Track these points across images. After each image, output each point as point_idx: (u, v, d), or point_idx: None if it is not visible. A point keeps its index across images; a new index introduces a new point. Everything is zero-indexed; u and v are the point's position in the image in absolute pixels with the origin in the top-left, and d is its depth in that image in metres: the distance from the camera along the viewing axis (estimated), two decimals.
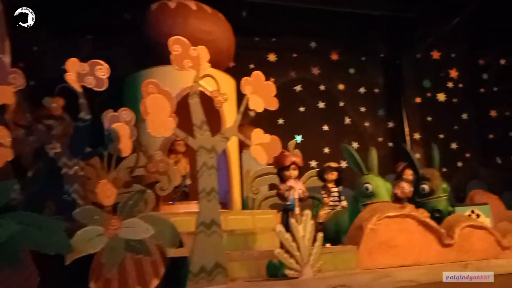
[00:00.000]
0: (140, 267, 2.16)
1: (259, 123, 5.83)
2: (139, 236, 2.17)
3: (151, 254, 2.20)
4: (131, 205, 2.21)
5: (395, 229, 3.23)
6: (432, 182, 4.01)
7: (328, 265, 2.89)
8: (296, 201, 2.76)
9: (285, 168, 3.14)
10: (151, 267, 2.19)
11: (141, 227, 2.19)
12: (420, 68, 6.71)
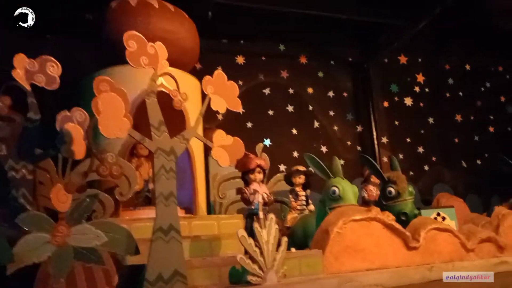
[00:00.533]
0: (91, 277, 2.02)
1: (227, 126, 5.76)
2: (89, 244, 2.04)
3: (103, 263, 2.07)
4: (81, 210, 2.07)
5: (361, 233, 3.19)
6: (398, 185, 4.01)
7: (293, 270, 2.82)
8: (260, 205, 2.68)
9: (250, 171, 3.05)
10: (104, 276, 2.06)
11: (92, 233, 2.06)
12: (388, 72, 6.77)
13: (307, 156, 3.90)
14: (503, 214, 3.89)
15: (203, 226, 3.53)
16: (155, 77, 2.34)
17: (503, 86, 7.44)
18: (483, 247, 3.61)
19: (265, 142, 5.94)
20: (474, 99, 7.22)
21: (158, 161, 2.28)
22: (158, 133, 2.30)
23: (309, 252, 2.95)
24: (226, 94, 2.61)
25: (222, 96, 2.59)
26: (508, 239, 3.72)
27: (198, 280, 2.47)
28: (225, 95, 2.60)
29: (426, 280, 3.12)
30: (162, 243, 2.19)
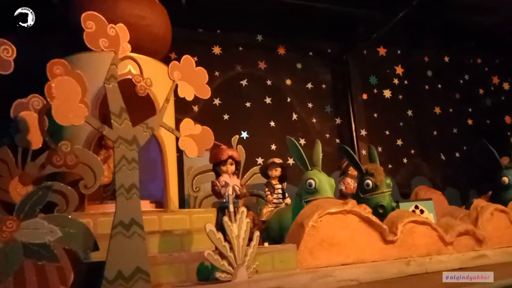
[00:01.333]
0: (43, 275, 1.87)
1: (203, 118, 5.61)
2: (41, 239, 1.88)
3: (57, 260, 1.91)
4: (32, 203, 1.90)
5: (337, 226, 3.09)
6: (376, 178, 3.92)
7: (266, 265, 2.70)
8: (231, 198, 2.54)
9: (222, 162, 2.91)
10: (57, 274, 1.90)
11: (44, 228, 1.89)
12: (367, 64, 6.70)
13: (288, 139, 3.78)
14: (482, 207, 3.84)
15: (174, 220, 3.39)
16: (115, 60, 2.18)
17: (481, 78, 7.45)
18: (461, 240, 3.56)
19: (242, 134, 5.81)
20: (453, 91, 7.21)
21: (119, 151, 2.12)
22: (119, 121, 2.14)
23: (282, 246, 2.84)
24: (194, 81, 2.46)
25: (190, 83, 2.44)
26: (486, 232, 3.67)
27: (163, 277, 2.33)
28: (193, 81, 2.46)
29: (403, 275, 3.04)
30: (122, 239, 2.04)
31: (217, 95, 5.76)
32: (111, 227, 2.05)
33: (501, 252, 3.62)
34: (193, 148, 2.42)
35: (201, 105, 5.66)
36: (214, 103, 5.76)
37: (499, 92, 7.55)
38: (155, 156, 3.74)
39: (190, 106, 5.59)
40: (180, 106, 5.49)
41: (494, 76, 7.58)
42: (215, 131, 5.64)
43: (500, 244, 3.74)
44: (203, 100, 5.69)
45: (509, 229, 3.89)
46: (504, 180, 4.50)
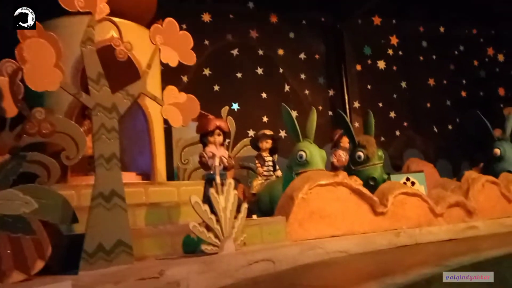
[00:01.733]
0: (19, 248, 1.79)
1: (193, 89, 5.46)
2: (16, 211, 1.79)
3: (33, 232, 1.83)
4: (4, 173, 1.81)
5: (327, 198, 3.04)
6: (368, 149, 3.85)
7: (254, 238, 2.65)
8: (217, 169, 2.46)
9: (209, 133, 2.81)
10: (34, 247, 1.82)
11: (19, 200, 1.80)
12: (361, 34, 6.55)
13: (284, 107, 3.69)
14: (473, 178, 3.81)
15: (161, 192, 3.30)
16: (92, 22, 2.04)
17: (476, 50, 7.34)
18: (452, 211, 3.53)
19: (233, 106, 5.70)
20: (447, 62, 7.11)
21: (98, 119, 2.01)
22: (97, 87, 2.02)
23: (271, 219, 2.78)
24: (177, 46, 2.33)
25: (173, 48, 2.31)
26: (477, 204, 3.64)
27: (148, 250, 2.27)
28: (177, 46, 2.33)
29: (393, 246, 3.01)
30: (102, 211, 1.96)
31: (207, 65, 5.62)
32: (91, 199, 1.96)
33: (492, 223, 3.61)
34: (177, 117, 2.32)
35: (190, 75, 5.52)
36: (204, 73, 5.61)
37: (494, 64, 7.46)
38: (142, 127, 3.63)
39: (179, 76, 5.45)
40: (168, 76, 5.35)
41: (489, 47, 7.48)
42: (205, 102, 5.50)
43: (491, 216, 3.73)
44: (193, 70, 5.56)
45: (500, 201, 3.87)
46: (496, 152, 4.45)
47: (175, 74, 5.41)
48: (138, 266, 2.01)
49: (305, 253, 2.50)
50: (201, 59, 5.61)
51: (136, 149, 3.68)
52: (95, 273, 1.87)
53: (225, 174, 2.77)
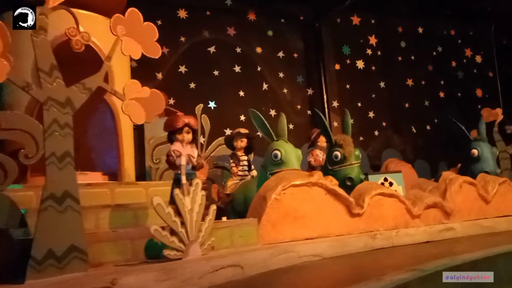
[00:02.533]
0: None
1: (167, 87, 5.32)
2: None
3: None
4: None
5: (302, 199, 2.93)
6: (344, 149, 3.75)
7: (224, 241, 2.51)
8: (183, 168, 2.32)
9: (177, 130, 2.67)
10: None
11: None
12: (340, 33, 6.48)
13: (251, 111, 3.58)
14: (450, 179, 3.75)
15: (128, 193, 3.14)
16: (45, 10, 1.88)
17: (454, 50, 7.35)
18: (429, 213, 3.46)
19: (210, 104, 5.55)
20: (425, 63, 7.09)
21: (49, 114, 1.86)
22: (49, 80, 1.86)
23: (242, 221, 2.65)
24: (141, 37, 2.18)
25: (136, 39, 2.16)
26: (455, 204, 3.58)
27: (106, 256, 2.11)
28: (140, 38, 2.18)
29: (369, 249, 2.91)
30: (53, 214, 1.80)
31: (183, 62, 5.46)
32: (40, 201, 1.80)
33: (470, 224, 3.55)
34: (140, 113, 2.17)
35: (165, 72, 5.36)
36: (180, 70, 5.46)
37: (472, 65, 7.48)
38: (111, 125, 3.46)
39: (153, 73, 5.28)
40: (142, 73, 5.18)
41: (467, 48, 7.50)
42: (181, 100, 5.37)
43: (469, 217, 3.67)
44: (168, 67, 5.40)
45: (477, 201, 3.82)
46: (474, 153, 4.42)
47: (149, 71, 5.25)
48: (92, 274, 1.85)
49: (276, 257, 2.38)
50: (177, 56, 5.46)
51: (105, 148, 3.51)
52: (43, 281, 1.71)
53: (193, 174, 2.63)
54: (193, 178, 2.51)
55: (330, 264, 2.51)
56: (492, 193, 3.87)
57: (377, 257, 2.69)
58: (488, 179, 3.98)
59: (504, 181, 4.04)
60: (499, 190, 3.94)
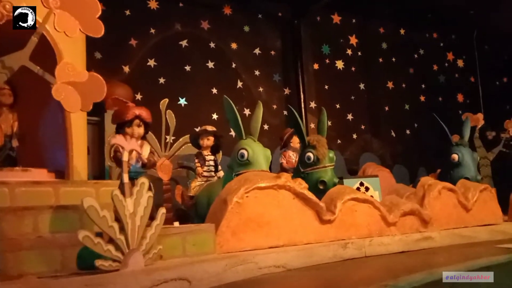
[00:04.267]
0: None
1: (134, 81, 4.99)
2: None
3: None
4: None
5: (267, 203, 2.65)
6: (318, 150, 3.50)
7: (175, 250, 2.22)
8: (125, 166, 2.02)
9: (126, 123, 2.38)
10: None
11: None
12: (320, 32, 6.26)
13: (225, 98, 3.31)
14: (429, 185, 3.52)
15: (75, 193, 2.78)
16: None
17: (436, 54, 7.19)
18: (406, 220, 3.22)
19: (180, 101, 5.25)
20: (407, 66, 6.91)
21: None
22: None
23: (197, 227, 2.36)
24: (79, 12, 1.88)
25: (73, 14, 1.85)
26: (433, 212, 3.35)
27: (28, 266, 1.80)
28: (78, 12, 1.88)
29: (339, 259, 2.65)
30: None
31: (152, 56, 5.15)
32: None
33: (448, 234, 3.33)
34: (75, 99, 1.87)
35: (133, 66, 5.04)
36: (149, 64, 5.13)
37: (453, 69, 7.34)
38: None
39: (119, 66, 4.95)
40: (107, 64, 4.86)
41: (449, 52, 7.36)
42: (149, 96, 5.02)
43: (447, 225, 3.45)
44: (136, 60, 5.08)
45: (457, 209, 3.60)
46: (454, 158, 4.22)
47: (115, 63, 4.93)
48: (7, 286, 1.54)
49: (231, 269, 2.10)
50: (146, 48, 5.15)
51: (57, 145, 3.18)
52: None
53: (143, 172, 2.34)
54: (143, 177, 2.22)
55: (293, 276, 2.23)
56: (472, 200, 3.66)
57: (347, 269, 2.43)
58: (469, 186, 3.77)
59: (484, 188, 3.84)
60: (480, 197, 3.74)
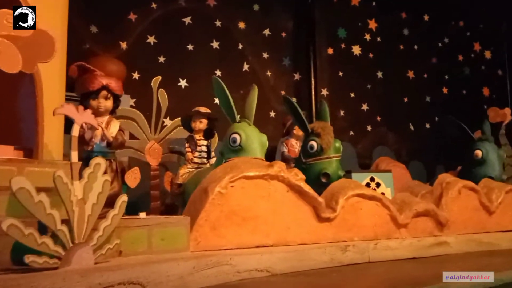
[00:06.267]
0: None
1: (132, 58, 4.66)
2: None
3: None
4: None
5: (255, 195, 2.29)
6: (322, 139, 3.12)
7: (138, 245, 1.89)
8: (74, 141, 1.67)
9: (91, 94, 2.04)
10: None
11: None
12: (336, 14, 5.82)
13: (214, 78, 2.98)
14: (447, 182, 3.10)
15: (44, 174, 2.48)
16: None
17: (462, 44, 6.67)
18: (419, 222, 2.82)
19: (180, 82, 4.90)
20: (430, 55, 6.42)
21: None
22: None
23: (167, 219, 2.00)
24: None
25: None
26: (451, 214, 2.94)
27: None
28: None
29: (336, 264, 2.28)
30: None
31: (152, 32, 4.80)
32: None
33: (466, 240, 2.91)
34: (13, 57, 1.52)
35: (131, 42, 4.70)
36: (148, 41, 4.79)
37: (480, 61, 6.81)
38: None
39: (116, 42, 4.62)
40: (103, 39, 4.54)
41: (476, 42, 6.82)
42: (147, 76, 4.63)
43: (465, 230, 3.03)
44: (134, 36, 4.74)
45: (478, 212, 3.17)
46: (477, 154, 3.79)
47: (111, 37, 4.59)
48: None
49: (201, 272, 1.74)
50: (146, 24, 4.80)
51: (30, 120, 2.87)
52: None
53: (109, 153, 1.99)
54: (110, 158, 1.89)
55: (277, 284, 1.87)
56: (496, 202, 3.22)
57: (343, 277, 2.05)
58: (493, 186, 3.33)
59: (511, 190, 3.38)
60: (505, 199, 3.29)
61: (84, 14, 4.44)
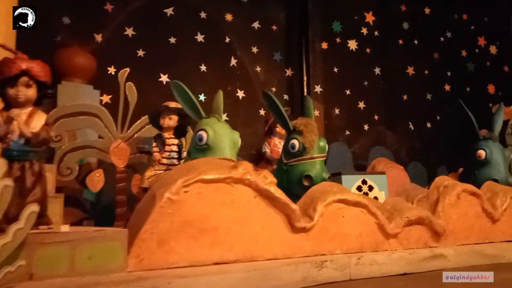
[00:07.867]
0: None
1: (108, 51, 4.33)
2: None
3: None
4: None
5: (215, 202, 1.95)
6: (305, 137, 2.78)
7: (58, 266, 1.55)
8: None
9: (9, 81, 1.71)
10: None
11: None
12: (331, 6, 5.48)
13: (173, 83, 2.68)
14: (445, 186, 2.74)
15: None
16: None
17: (465, 38, 6.30)
18: (412, 231, 2.46)
19: (161, 78, 4.58)
20: (431, 50, 6.05)
21: None
22: None
23: (96, 232, 1.65)
24: None
25: None
26: (449, 222, 2.58)
27: None
28: None
29: (310, 284, 1.93)
30: None
31: (130, 24, 4.49)
32: None
33: (466, 251, 2.54)
34: None
35: (107, 34, 4.39)
36: (126, 33, 4.48)
37: (484, 56, 6.43)
38: None
39: (91, 34, 4.30)
40: (77, 31, 4.22)
41: (480, 36, 6.44)
42: None
43: (466, 240, 2.67)
44: (111, 28, 4.43)
45: (480, 219, 2.80)
46: (480, 154, 3.43)
47: (86, 29, 4.28)
48: None
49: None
50: (124, 15, 4.49)
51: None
52: None
53: (30, 152, 1.66)
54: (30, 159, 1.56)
55: None
56: (501, 209, 2.85)
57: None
58: (497, 190, 2.96)
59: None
60: (511, 205, 2.92)
61: (56, 3, 4.14)
